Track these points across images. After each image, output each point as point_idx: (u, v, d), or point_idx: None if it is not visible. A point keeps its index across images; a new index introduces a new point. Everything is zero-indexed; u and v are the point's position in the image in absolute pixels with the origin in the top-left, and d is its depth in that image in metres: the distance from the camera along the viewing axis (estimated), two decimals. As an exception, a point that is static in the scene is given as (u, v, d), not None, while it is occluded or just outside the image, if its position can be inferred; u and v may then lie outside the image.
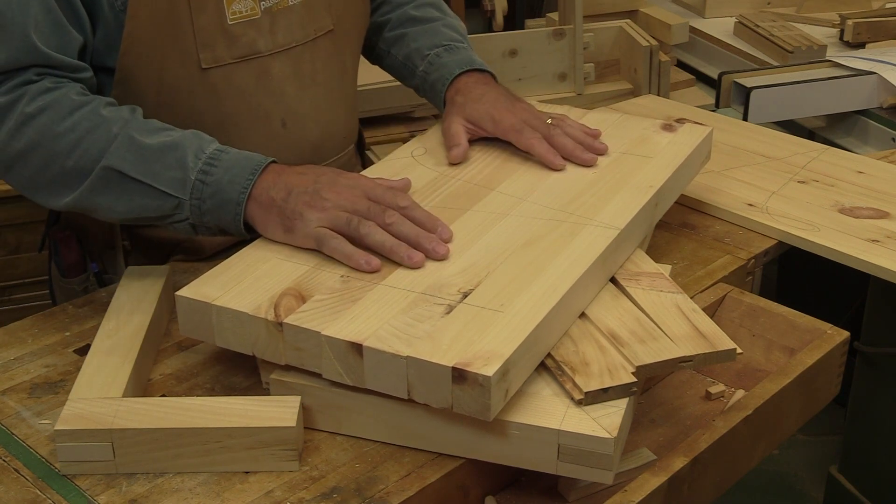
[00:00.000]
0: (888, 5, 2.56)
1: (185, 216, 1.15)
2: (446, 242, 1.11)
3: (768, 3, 2.64)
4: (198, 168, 1.14)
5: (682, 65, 2.53)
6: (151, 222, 1.19)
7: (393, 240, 1.09)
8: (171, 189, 1.14)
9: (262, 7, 1.29)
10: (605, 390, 0.98)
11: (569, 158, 1.29)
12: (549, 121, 1.32)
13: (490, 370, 0.91)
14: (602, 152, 1.31)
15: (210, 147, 1.16)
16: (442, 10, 1.53)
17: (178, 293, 1.07)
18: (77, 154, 1.14)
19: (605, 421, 0.96)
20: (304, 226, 1.11)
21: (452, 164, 1.31)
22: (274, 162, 1.16)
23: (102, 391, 1.04)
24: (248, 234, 1.16)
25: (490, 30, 2.92)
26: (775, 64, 2.28)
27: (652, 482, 0.98)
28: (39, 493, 0.98)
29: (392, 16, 1.51)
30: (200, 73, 1.26)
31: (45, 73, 1.16)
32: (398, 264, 1.09)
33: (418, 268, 1.08)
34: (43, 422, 1.06)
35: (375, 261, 1.08)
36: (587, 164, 1.28)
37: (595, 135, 1.33)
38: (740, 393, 1.18)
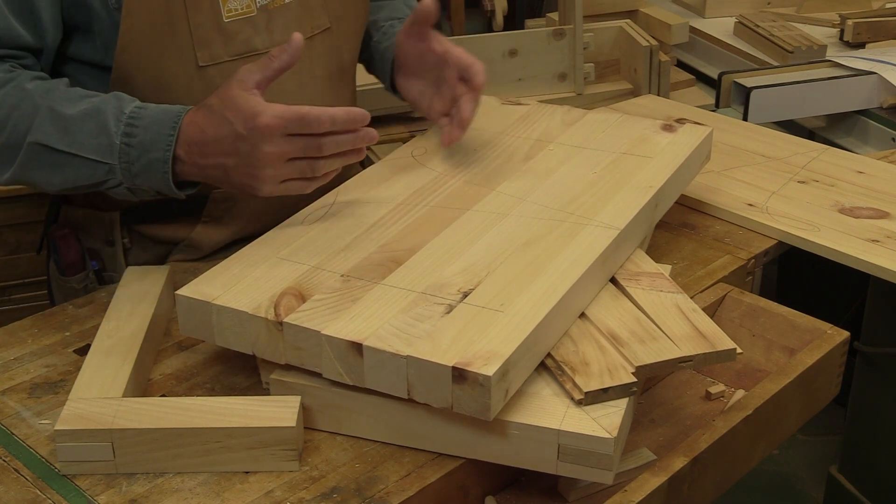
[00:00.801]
0: (888, 5, 2.56)
1: (119, 181, 1.17)
2: (365, 125, 1.14)
3: (768, 3, 2.64)
4: (121, 131, 1.15)
5: (682, 65, 2.53)
6: (90, 189, 1.20)
7: (341, 160, 1.14)
8: (99, 156, 1.15)
9: (258, 4, 1.29)
10: (605, 390, 0.98)
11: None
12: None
13: (490, 370, 0.91)
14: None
15: (129, 107, 1.16)
16: None
17: (178, 292, 1.07)
18: (7, 131, 1.16)
19: (605, 421, 0.96)
20: (263, 191, 1.14)
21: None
22: (189, 110, 1.16)
23: (102, 391, 1.04)
24: (182, 193, 1.18)
25: (490, 30, 2.92)
26: (775, 64, 2.28)
27: (652, 482, 0.98)
28: (39, 493, 0.98)
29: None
30: (197, 71, 1.26)
31: None
32: (399, 263, 1.09)
33: (362, 158, 1.16)
34: (43, 422, 1.06)
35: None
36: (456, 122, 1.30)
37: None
38: (740, 393, 1.18)
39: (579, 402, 0.98)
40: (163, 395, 1.10)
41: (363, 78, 1.56)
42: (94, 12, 1.20)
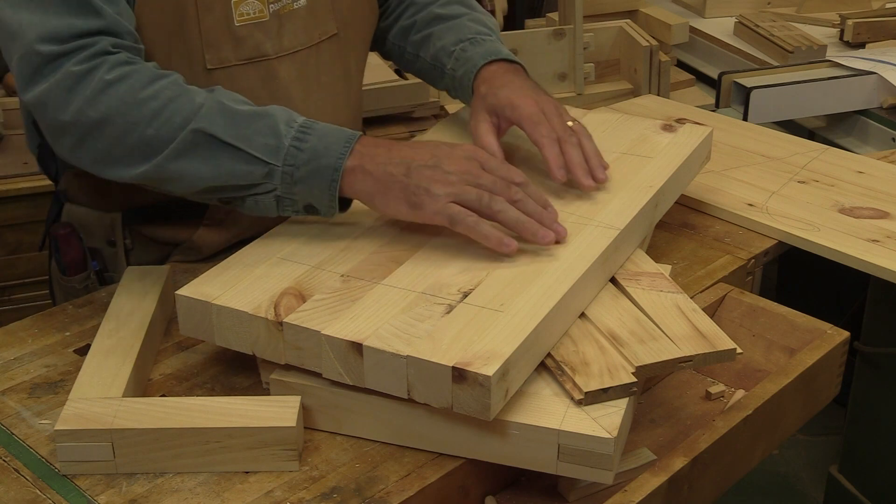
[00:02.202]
0: (888, 5, 2.56)
1: (274, 186, 1.12)
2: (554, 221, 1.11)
3: (768, 3, 2.64)
4: (291, 135, 1.11)
5: (682, 65, 2.53)
6: (234, 193, 1.14)
7: (525, 217, 1.10)
8: (264, 154, 1.11)
9: (271, 10, 1.28)
10: (605, 390, 0.98)
11: (570, 171, 1.24)
12: (569, 123, 1.28)
13: (490, 370, 0.91)
14: (601, 181, 1.23)
15: (300, 118, 1.13)
16: (469, 5, 1.49)
17: (178, 292, 1.07)
18: (159, 122, 1.11)
19: (605, 421, 0.96)
20: (433, 202, 1.09)
21: None
22: (364, 135, 1.15)
23: (102, 391, 1.04)
24: (338, 209, 1.13)
25: (490, 30, 2.91)
26: (775, 64, 2.28)
27: (652, 482, 0.98)
28: (39, 493, 0.98)
29: (417, 17, 1.47)
30: (206, 74, 1.26)
31: (121, 47, 1.14)
32: (399, 263, 1.09)
33: (546, 244, 1.09)
34: (43, 422, 1.06)
35: (514, 243, 1.08)
36: (583, 187, 1.22)
37: (605, 165, 1.27)
38: (740, 393, 1.18)
39: (579, 402, 0.98)
40: (163, 395, 1.10)
41: (364, 78, 1.56)
42: None
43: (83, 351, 1.15)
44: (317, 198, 1.12)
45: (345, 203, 1.15)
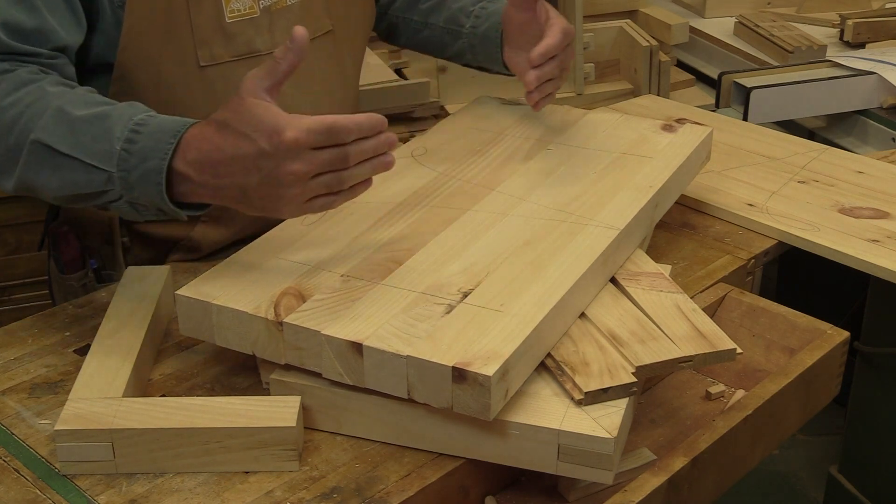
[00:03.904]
0: (888, 5, 2.56)
1: (119, 193, 1.06)
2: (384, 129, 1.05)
3: (768, 3, 2.64)
4: (123, 137, 1.05)
5: (682, 65, 2.53)
6: (93, 201, 1.10)
7: (368, 166, 1.04)
8: (99, 162, 1.05)
9: (261, 6, 1.29)
10: (605, 390, 0.98)
11: (536, 87, 1.29)
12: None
13: (490, 370, 0.91)
14: (531, 101, 1.31)
15: (139, 115, 1.07)
16: None
17: (178, 292, 1.07)
18: (17, 131, 1.08)
19: (605, 421, 0.96)
20: (286, 212, 1.04)
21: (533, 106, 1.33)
22: (196, 123, 1.06)
23: (102, 391, 1.04)
24: (182, 213, 1.07)
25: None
26: (775, 64, 2.28)
27: (652, 482, 0.98)
28: (39, 493, 0.98)
29: None
30: (198, 71, 1.26)
31: (7, 59, 1.12)
32: (399, 263, 1.09)
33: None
34: (43, 422, 1.06)
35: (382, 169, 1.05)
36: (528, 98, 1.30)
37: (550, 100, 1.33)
38: (740, 393, 1.18)
39: (579, 402, 0.98)
40: (163, 395, 1.10)
41: (363, 78, 1.56)
42: (101, 9, 1.20)
43: (83, 351, 1.15)
44: (156, 201, 1.05)
45: (197, 206, 1.08)
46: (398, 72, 2.24)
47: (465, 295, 1.03)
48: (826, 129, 2.16)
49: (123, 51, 1.22)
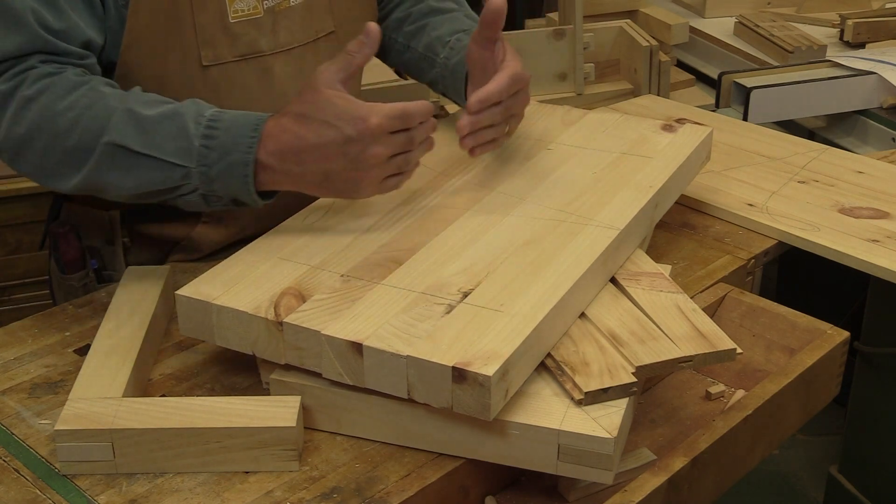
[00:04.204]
0: (888, 5, 2.56)
1: (195, 186, 1.13)
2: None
3: (768, 3, 2.64)
4: (200, 134, 1.11)
5: (682, 65, 2.53)
6: (163, 197, 1.16)
7: (423, 148, 1.15)
8: (177, 158, 1.12)
9: (265, 6, 1.29)
10: (605, 390, 0.98)
11: (470, 133, 1.21)
12: (521, 109, 1.26)
13: (490, 370, 0.91)
14: (464, 147, 1.22)
15: (209, 111, 1.13)
16: (459, 2, 1.52)
17: (178, 292, 1.07)
18: (77, 132, 1.12)
19: (605, 421, 0.96)
20: (364, 192, 1.14)
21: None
22: (271, 116, 1.13)
23: (102, 391, 1.04)
24: (261, 201, 1.15)
25: (490, 30, 2.91)
26: (775, 64, 2.28)
27: (652, 482, 0.98)
28: (39, 493, 0.98)
29: (414, 10, 1.49)
30: (202, 71, 1.26)
31: (49, 60, 1.15)
32: (399, 263, 1.09)
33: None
34: (43, 422, 1.06)
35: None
36: (462, 144, 1.21)
37: (489, 149, 1.25)
38: (740, 393, 1.18)
39: (579, 402, 0.98)
40: (163, 395, 1.10)
41: (363, 78, 1.56)
42: (105, 8, 1.20)
43: (83, 351, 1.15)
44: (238, 192, 1.13)
45: (270, 193, 1.16)
46: (398, 72, 2.23)
47: (465, 295, 1.03)
48: (826, 129, 2.16)
49: (127, 49, 1.22)
